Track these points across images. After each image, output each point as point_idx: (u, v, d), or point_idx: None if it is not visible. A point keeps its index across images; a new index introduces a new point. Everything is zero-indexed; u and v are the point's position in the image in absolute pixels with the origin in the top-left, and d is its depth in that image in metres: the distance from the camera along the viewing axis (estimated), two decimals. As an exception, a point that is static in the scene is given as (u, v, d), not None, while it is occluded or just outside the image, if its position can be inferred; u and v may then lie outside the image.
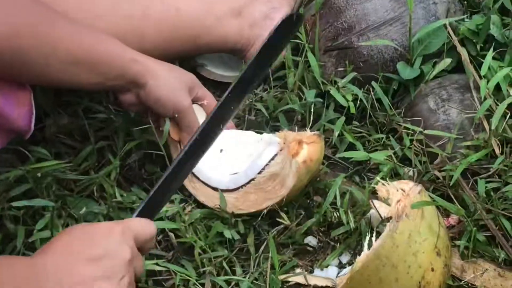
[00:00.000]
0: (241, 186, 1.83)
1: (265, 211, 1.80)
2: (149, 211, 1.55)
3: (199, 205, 1.87)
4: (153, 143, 1.91)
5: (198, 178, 1.87)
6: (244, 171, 1.84)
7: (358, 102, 2.01)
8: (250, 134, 1.93)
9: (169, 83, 1.80)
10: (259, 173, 1.82)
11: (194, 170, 1.85)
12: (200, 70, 2.17)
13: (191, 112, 1.85)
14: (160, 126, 1.85)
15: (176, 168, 1.62)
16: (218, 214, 1.82)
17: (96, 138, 1.94)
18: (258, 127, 2.01)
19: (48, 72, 1.65)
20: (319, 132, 1.83)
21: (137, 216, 1.52)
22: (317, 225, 1.83)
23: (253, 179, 1.82)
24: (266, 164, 1.81)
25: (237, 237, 1.78)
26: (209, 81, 2.16)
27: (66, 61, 1.65)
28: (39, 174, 1.75)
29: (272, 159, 1.81)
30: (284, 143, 1.79)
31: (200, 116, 1.88)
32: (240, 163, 1.87)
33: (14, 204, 1.71)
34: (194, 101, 1.88)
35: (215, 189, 1.85)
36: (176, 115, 1.83)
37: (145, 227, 1.48)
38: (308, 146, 1.79)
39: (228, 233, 1.77)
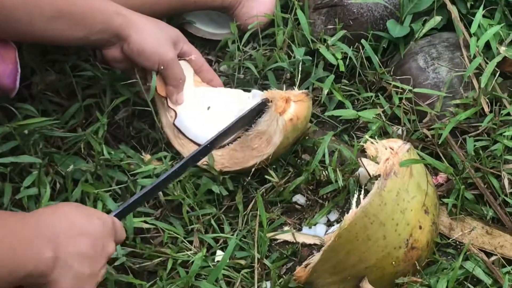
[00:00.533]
0: (227, 144, 1.83)
1: (253, 169, 1.80)
2: (124, 213, 1.58)
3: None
4: (140, 101, 1.90)
5: (185, 135, 1.86)
6: None
7: (348, 60, 2.01)
8: (239, 92, 1.92)
9: (153, 36, 1.80)
10: (246, 130, 1.81)
11: (181, 128, 1.85)
12: (188, 28, 2.15)
13: (176, 65, 1.84)
14: (147, 82, 1.84)
15: (152, 189, 1.62)
16: (206, 171, 1.81)
17: (83, 96, 1.93)
18: (246, 85, 2.01)
19: (32, 28, 1.65)
20: (307, 91, 1.83)
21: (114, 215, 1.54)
22: (305, 183, 1.83)
23: (239, 137, 1.82)
24: (253, 122, 1.81)
25: (225, 193, 1.78)
26: (197, 38, 2.15)
27: (49, 16, 1.65)
28: (26, 131, 1.74)
29: (259, 116, 1.80)
30: (271, 101, 1.79)
31: (187, 72, 1.87)
32: (228, 121, 1.87)
33: (1, 160, 1.70)
34: (180, 56, 1.87)
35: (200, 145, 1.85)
36: (162, 67, 1.82)
37: (122, 233, 1.51)
38: (296, 104, 1.78)
39: (216, 189, 1.77)
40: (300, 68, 1.94)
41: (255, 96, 1.86)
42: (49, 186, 1.67)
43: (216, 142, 1.77)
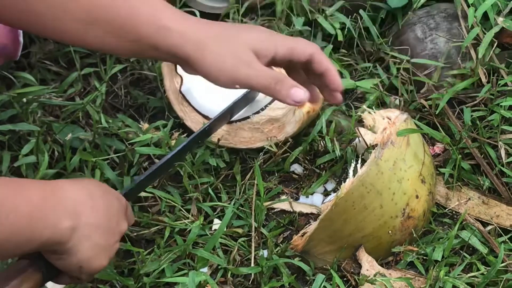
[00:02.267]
0: (235, 121, 1.83)
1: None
2: (133, 194, 1.58)
3: (186, 130, 1.87)
4: (139, 68, 1.90)
5: (189, 103, 1.86)
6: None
7: (346, 31, 2.01)
8: None
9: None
10: (256, 113, 1.81)
11: (187, 95, 1.84)
12: (188, 1, 2.15)
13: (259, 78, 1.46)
14: None
15: (156, 170, 1.59)
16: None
17: (82, 65, 1.93)
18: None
19: (58, 28, 1.35)
20: None
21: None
22: (303, 153, 1.83)
23: (248, 117, 1.82)
24: (266, 105, 1.81)
25: (222, 165, 1.79)
26: (198, 12, 2.14)
27: (80, 19, 1.34)
28: (24, 100, 1.75)
29: (273, 100, 1.81)
30: None
31: None
32: (234, 93, 1.87)
33: (-1, 128, 1.71)
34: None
35: (205, 116, 1.85)
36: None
37: (132, 215, 1.49)
38: None
39: (213, 161, 1.77)
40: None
41: None
42: (47, 154, 1.68)
43: (221, 120, 1.75)
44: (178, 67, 1.85)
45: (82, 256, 1.30)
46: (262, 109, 1.81)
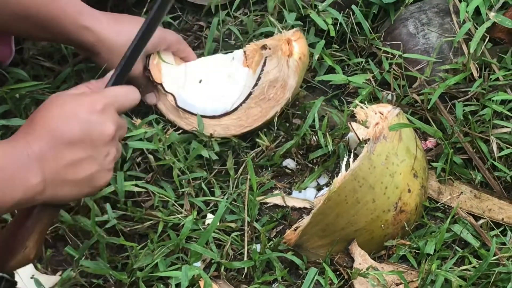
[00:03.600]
0: (241, 104, 1.84)
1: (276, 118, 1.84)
2: (122, 78, 1.47)
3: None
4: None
5: (191, 113, 1.86)
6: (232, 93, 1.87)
7: (338, 26, 2.01)
8: (220, 57, 1.93)
9: (120, 54, 1.55)
10: (255, 85, 1.83)
11: (186, 107, 1.85)
12: (179, -6, 2.15)
13: (143, 78, 1.84)
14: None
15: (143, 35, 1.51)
16: (197, 136, 1.82)
17: (74, 61, 1.93)
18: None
19: None
20: (297, 28, 1.88)
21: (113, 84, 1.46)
22: (296, 148, 1.83)
23: (250, 93, 1.83)
24: (260, 75, 1.83)
25: (215, 157, 1.79)
26: (188, 4, 2.14)
27: (15, 14, 1.64)
28: (17, 95, 1.75)
29: (263, 67, 1.83)
30: (269, 48, 1.82)
31: (167, 57, 1.88)
32: (223, 86, 1.88)
33: (-8, 122, 1.71)
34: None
35: (211, 117, 1.86)
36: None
37: (130, 95, 1.44)
38: (297, 43, 1.82)
39: (205, 153, 1.77)
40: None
41: (237, 56, 1.88)
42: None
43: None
44: (165, 84, 1.86)
45: (66, 196, 1.32)
46: (259, 79, 1.83)
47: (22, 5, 1.63)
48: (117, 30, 1.75)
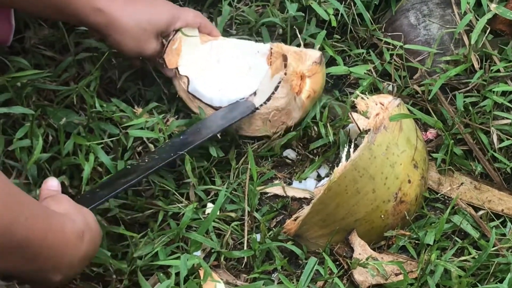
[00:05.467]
0: (246, 115, 1.84)
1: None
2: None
3: (183, 116, 1.90)
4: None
5: (201, 101, 1.87)
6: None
7: (339, 17, 2.00)
8: (248, 44, 1.93)
9: (133, 35, 1.77)
10: (264, 103, 1.83)
11: (196, 94, 1.86)
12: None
13: (155, 57, 1.86)
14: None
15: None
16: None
17: (76, 50, 1.93)
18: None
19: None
20: (319, 57, 1.82)
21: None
22: (296, 138, 1.84)
23: (257, 108, 1.84)
24: (270, 96, 1.82)
25: (221, 154, 1.80)
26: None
27: None
28: (19, 84, 1.75)
29: (275, 90, 1.82)
30: (285, 73, 1.80)
31: (192, 32, 1.88)
32: (241, 76, 1.89)
33: (-7, 110, 1.71)
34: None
35: (217, 108, 1.87)
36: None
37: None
38: (310, 79, 1.80)
39: (213, 151, 1.78)
40: (292, 24, 1.95)
41: (262, 51, 1.89)
42: (42, 138, 1.68)
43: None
44: (181, 67, 1.87)
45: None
46: (269, 99, 1.82)
47: None
48: (130, 12, 1.77)
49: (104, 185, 1.63)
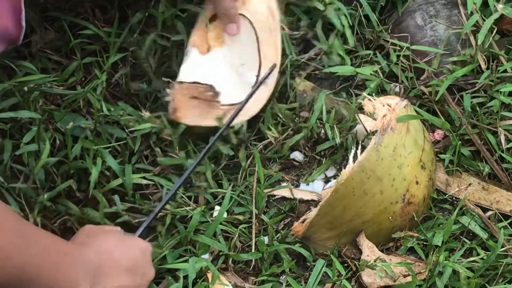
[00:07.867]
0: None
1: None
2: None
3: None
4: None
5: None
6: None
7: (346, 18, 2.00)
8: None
9: None
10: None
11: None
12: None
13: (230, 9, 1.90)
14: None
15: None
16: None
17: (82, 54, 1.93)
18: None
19: None
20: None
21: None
22: (303, 140, 1.84)
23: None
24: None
25: (231, 153, 1.80)
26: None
27: None
28: (25, 88, 1.75)
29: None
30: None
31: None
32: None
33: (0, 115, 1.70)
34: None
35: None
36: None
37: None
38: None
39: (225, 150, 1.78)
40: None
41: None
42: (49, 142, 1.68)
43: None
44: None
45: None
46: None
47: None
48: None
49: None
